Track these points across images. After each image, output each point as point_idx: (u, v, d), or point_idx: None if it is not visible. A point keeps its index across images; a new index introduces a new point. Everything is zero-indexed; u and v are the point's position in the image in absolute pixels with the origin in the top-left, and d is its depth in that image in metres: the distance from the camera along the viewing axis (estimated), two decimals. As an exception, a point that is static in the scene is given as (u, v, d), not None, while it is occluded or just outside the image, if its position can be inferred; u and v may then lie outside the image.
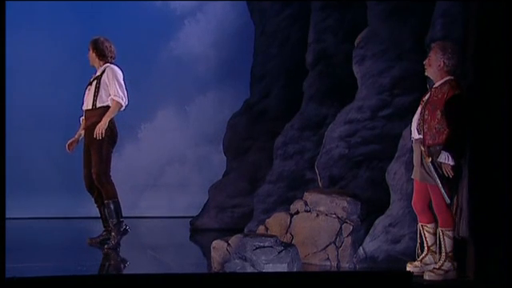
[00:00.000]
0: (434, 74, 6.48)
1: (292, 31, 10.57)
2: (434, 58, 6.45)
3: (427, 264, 6.67)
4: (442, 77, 6.44)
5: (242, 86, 11.32)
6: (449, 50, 6.43)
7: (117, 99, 7.98)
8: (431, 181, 6.44)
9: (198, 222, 10.53)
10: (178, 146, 11.85)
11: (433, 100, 6.45)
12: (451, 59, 6.41)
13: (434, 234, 6.61)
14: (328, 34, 9.40)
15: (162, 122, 11.85)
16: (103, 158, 7.98)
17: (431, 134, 6.41)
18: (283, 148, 9.66)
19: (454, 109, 6.30)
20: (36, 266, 7.28)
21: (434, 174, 6.39)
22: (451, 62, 6.41)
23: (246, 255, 6.69)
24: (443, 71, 6.43)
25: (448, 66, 6.41)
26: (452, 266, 6.50)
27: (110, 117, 7.93)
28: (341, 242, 7.29)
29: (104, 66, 8.14)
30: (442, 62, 6.41)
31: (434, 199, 6.51)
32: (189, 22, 11.98)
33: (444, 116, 6.33)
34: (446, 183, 6.39)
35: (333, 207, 7.38)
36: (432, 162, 6.40)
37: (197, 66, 11.89)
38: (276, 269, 6.64)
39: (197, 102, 11.96)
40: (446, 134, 6.32)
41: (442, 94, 6.39)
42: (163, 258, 8.34)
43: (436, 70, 6.44)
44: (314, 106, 9.53)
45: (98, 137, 7.89)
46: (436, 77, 6.49)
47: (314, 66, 9.55)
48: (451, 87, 6.39)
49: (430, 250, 6.67)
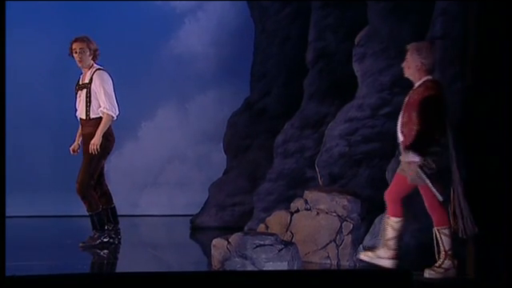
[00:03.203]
0: (413, 75, 6.55)
1: (292, 29, 10.57)
2: (411, 60, 6.51)
3: (380, 257, 6.65)
4: (421, 77, 6.51)
5: (242, 85, 11.32)
6: (424, 49, 6.50)
7: (107, 112, 7.93)
8: (421, 181, 6.46)
9: (198, 221, 10.53)
10: (178, 145, 11.85)
11: (410, 102, 6.53)
12: (427, 58, 6.47)
13: (396, 230, 6.63)
14: (328, 32, 9.40)
15: (162, 121, 11.86)
16: (90, 170, 7.97)
17: (410, 135, 6.47)
18: (283, 146, 9.66)
19: (425, 109, 6.37)
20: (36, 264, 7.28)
21: (422, 174, 6.42)
22: (428, 61, 6.47)
23: (247, 253, 6.68)
24: (421, 71, 6.49)
25: (425, 66, 6.47)
26: (452, 264, 6.50)
27: (103, 131, 7.90)
28: (341, 240, 7.28)
29: (91, 70, 8.02)
30: (420, 63, 6.47)
31: (426, 199, 6.52)
32: (189, 21, 11.98)
33: (417, 116, 6.41)
34: (436, 181, 6.41)
35: (333, 205, 7.35)
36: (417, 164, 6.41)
37: (197, 64, 11.88)
38: (276, 267, 6.64)
39: (197, 100, 11.96)
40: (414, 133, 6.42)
41: (418, 95, 6.46)
42: (163, 256, 8.34)
43: (414, 70, 6.51)
44: (315, 105, 9.54)
45: (93, 152, 7.89)
46: (415, 78, 6.54)
47: (314, 65, 9.56)
48: (426, 88, 6.46)
49: (387, 243, 6.66)
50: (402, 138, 6.59)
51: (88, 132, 7.98)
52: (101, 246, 7.96)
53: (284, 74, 10.60)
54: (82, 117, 8.06)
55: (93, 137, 7.90)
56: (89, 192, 7.98)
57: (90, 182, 7.97)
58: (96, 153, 7.89)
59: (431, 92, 6.41)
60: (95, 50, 8.05)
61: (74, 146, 8.22)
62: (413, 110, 6.45)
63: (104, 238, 8.02)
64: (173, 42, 11.92)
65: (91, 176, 7.99)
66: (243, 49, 11.48)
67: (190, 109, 11.99)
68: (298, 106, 9.76)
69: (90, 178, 7.98)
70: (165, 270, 7.10)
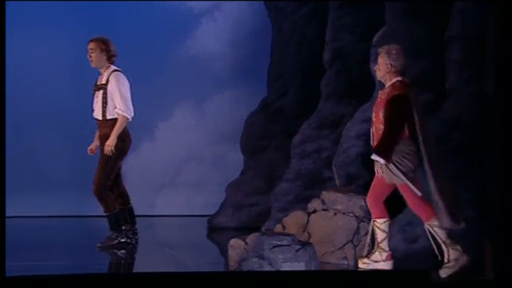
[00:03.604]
0: (384, 77, 6.71)
1: (309, 30, 10.57)
2: (381, 62, 6.69)
3: (376, 261, 6.69)
4: (391, 79, 6.66)
5: (259, 85, 11.33)
6: (393, 51, 6.67)
7: (122, 113, 7.96)
8: (398, 180, 6.55)
9: (216, 221, 10.55)
10: (194, 145, 11.87)
11: (377, 102, 6.71)
12: (396, 60, 6.64)
13: (384, 231, 6.70)
14: (345, 32, 9.39)
15: (179, 121, 11.88)
16: (107, 171, 8.01)
17: (378, 135, 6.62)
18: (300, 147, 9.66)
19: (390, 109, 6.51)
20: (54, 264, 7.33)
21: (398, 172, 6.51)
22: (397, 63, 6.64)
23: (264, 254, 6.67)
24: (391, 73, 6.65)
25: (395, 67, 6.63)
26: (458, 253, 6.49)
27: (117, 133, 7.93)
28: (358, 240, 7.26)
29: (108, 71, 8.05)
30: (389, 64, 6.64)
31: (407, 198, 6.60)
32: (206, 21, 12.00)
33: (383, 116, 6.56)
34: (412, 179, 6.50)
35: (350, 206, 7.36)
36: (394, 162, 6.51)
37: (214, 64, 11.91)
38: (293, 267, 6.63)
39: (214, 100, 11.98)
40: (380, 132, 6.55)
41: (385, 95, 6.63)
42: (180, 256, 8.35)
43: (384, 73, 6.68)
44: (332, 105, 9.53)
45: (108, 154, 7.93)
46: (386, 79, 6.70)
47: (331, 65, 9.55)
48: (393, 88, 6.60)
49: (379, 246, 6.70)
50: (371, 138, 6.77)
51: (104, 133, 8.02)
52: (118, 246, 7.99)
53: (301, 74, 10.60)
54: (99, 118, 8.10)
55: (109, 138, 7.95)
56: (105, 193, 8.03)
57: (106, 182, 8.02)
58: (111, 154, 7.93)
59: (396, 92, 6.54)
60: (109, 51, 8.05)
61: (91, 147, 8.28)
62: (379, 110, 6.62)
63: (121, 239, 8.06)
64: (190, 42, 11.95)
65: (107, 177, 8.03)
66: (260, 49, 11.49)
67: (206, 109, 12.00)
68: (315, 107, 9.75)
69: (106, 179, 8.02)
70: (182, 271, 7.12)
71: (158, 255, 8.33)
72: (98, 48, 8.04)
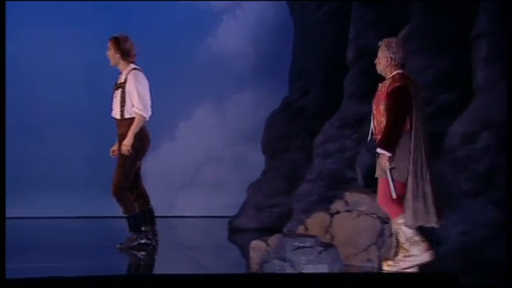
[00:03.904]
0: (384, 71, 6.80)
1: (331, 27, 10.55)
2: (382, 56, 6.79)
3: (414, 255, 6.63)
4: (391, 72, 6.75)
5: (280, 84, 11.31)
6: (393, 45, 6.75)
7: (139, 112, 7.96)
8: (383, 174, 6.63)
9: (237, 222, 10.54)
10: (215, 145, 11.88)
11: (378, 95, 6.78)
12: (397, 53, 6.72)
13: None
14: (369, 30, 9.36)
15: (199, 120, 11.90)
16: (125, 172, 7.99)
17: (379, 128, 6.68)
18: (323, 146, 9.63)
19: (391, 101, 6.59)
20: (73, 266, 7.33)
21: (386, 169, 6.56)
22: (397, 56, 6.71)
23: (286, 255, 6.66)
24: (391, 66, 6.73)
25: (395, 60, 6.71)
26: (421, 250, 6.53)
27: (134, 132, 7.93)
28: (383, 242, 7.22)
29: (127, 69, 8.06)
30: (389, 58, 6.72)
31: (382, 191, 6.68)
32: (227, 18, 12.01)
33: (385, 109, 6.62)
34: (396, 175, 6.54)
35: (374, 207, 7.24)
36: None
37: (234, 62, 11.91)
38: (316, 270, 6.61)
39: (234, 99, 11.98)
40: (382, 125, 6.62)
41: (385, 87, 6.70)
42: (201, 258, 8.35)
43: (384, 66, 6.77)
44: (355, 104, 9.50)
45: (125, 153, 7.92)
46: (386, 73, 6.79)
47: (354, 63, 9.52)
48: (393, 80, 6.67)
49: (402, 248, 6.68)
50: (373, 132, 6.81)
51: (122, 132, 8.02)
52: (138, 247, 7.99)
53: (323, 72, 10.57)
54: (117, 117, 8.10)
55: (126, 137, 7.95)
56: (124, 194, 8.02)
57: (124, 183, 8.01)
58: (128, 154, 7.92)
59: (397, 83, 6.61)
60: (123, 50, 8.05)
61: (114, 148, 8.26)
62: (380, 103, 6.68)
63: (141, 240, 8.05)
64: (210, 40, 11.96)
65: (126, 178, 8.02)
66: (281, 47, 11.48)
67: (227, 108, 12.01)
68: (338, 106, 9.73)
69: (124, 180, 8.01)
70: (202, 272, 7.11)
71: (177, 257, 8.33)
72: (112, 46, 8.07)
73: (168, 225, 9.20)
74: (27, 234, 10.14)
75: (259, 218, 10.50)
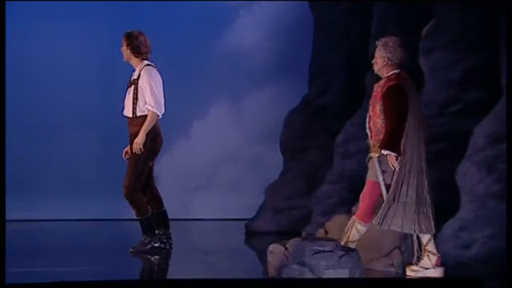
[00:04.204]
0: (381, 71, 6.84)
1: (353, 22, 10.52)
2: (379, 55, 6.83)
3: (426, 268, 6.68)
4: (388, 72, 6.79)
5: (299, 81, 11.28)
6: (390, 44, 6.79)
7: (151, 109, 7.95)
8: (374, 177, 6.70)
9: (254, 225, 10.53)
10: (231, 145, 11.88)
11: (374, 95, 6.83)
12: (394, 53, 6.76)
13: None
14: (392, 24, 9.32)
15: (214, 119, 11.90)
16: (137, 173, 7.99)
17: (376, 129, 6.73)
18: (344, 146, 9.60)
19: (388, 100, 6.64)
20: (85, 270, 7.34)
21: (378, 169, 6.66)
22: (394, 56, 6.75)
23: (305, 260, 6.64)
24: (388, 66, 6.77)
25: (392, 60, 6.75)
26: None
27: (146, 130, 7.93)
28: (406, 246, 7.16)
29: (140, 65, 8.08)
30: (387, 57, 6.76)
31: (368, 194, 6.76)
32: (243, 13, 12.01)
33: (382, 110, 6.67)
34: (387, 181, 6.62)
35: (398, 209, 7.27)
36: (378, 158, 6.66)
37: (252, 59, 11.90)
38: (337, 275, 6.58)
39: (251, 97, 11.98)
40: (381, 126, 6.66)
41: (381, 87, 6.76)
42: (216, 262, 8.35)
43: (381, 66, 6.81)
44: (377, 102, 9.44)
45: (137, 152, 7.90)
46: (382, 73, 6.84)
47: (377, 59, 9.48)
48: (388, 80, 6.73)
49: (426, 250, 6.72)
50: (369, 134, 6.86)
51: (134, 131, 8.01)
52: (151, 251, 7.98)
53: (344, 69, 10.54)
54: (129, 115, 8.10)
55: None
56: (137, 196, 8.01)
57: (137, 185, 8.00)
58: (140, 152, 7.91)
59: (391, 82, 6.66)
60: (133, 46, 8.06)
61: (127, 149, 8.24)
62: (376, 104, 6.73)
63: (155, 243, 8.05)
64: (226, 35, 11.95)
65: (138, 179, 8.01)
66: (301, 43, 11.46)
67: (244, 107, 12.01)
68: (360, 104, 9.67)
69: (136, 181, 8.00)
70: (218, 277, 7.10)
71: (192, 261, 8.32)
72: (125, 42, 8.13)
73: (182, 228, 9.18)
74: (37, 236, 10.17)
75: (277, 221, 10.48)
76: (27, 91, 11.42)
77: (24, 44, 11.39)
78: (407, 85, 6.70)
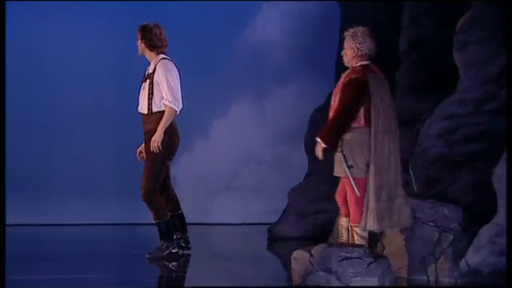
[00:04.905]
0: (351, 62, 7.01)
1: (382, 15, 10.49)
2: (348, 47, 7.01)
3: None
4: (357, 63, 6.99)
5: (325, 78, 11.25)
6: (358, 34, 7.00)
7: (168, 105, 7.95)
8: (342, 173, 6.93)
9: (277, 230, 10.52)
10: (253, 145, 11.89)
11: (337, 86, 7.05)
12: (363, 43, 6.96)
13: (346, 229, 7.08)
14: (425, 17, 9.33)
15: (236, 118, 11.90)
16: (155, 173, 8.00)
17: None
18: (373, 147, 9.56)
19: (343, 93, 6.85)
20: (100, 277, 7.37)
21: (344, 164, 6.90)
22: (364, 46, 6.96)
23: (331, 267, 6.68)
24: (357, 57, 6.97)
25: (361, 51, 6.96)
26: None
27: (164, 127, 7.94)
28: (440, 253, 7.20)
29: (156, 59, 8.09)
30: (356, 48, 6.95)
31: (349, 193, 6.96)
32: (267, 6, 12.01)
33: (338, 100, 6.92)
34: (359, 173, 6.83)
35: (430, 214, 7.29)
36: (341, 152, 6.90)
37: (275, 55, 11.90)
38: (365, 283, 6.62)
39: (275, 95, 11.98)
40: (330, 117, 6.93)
41: (344, 78, 6.98)
42: (238, 269, 8.36)
43: (351, 57, 6.99)
44: (408, 100, 9.45)
45: (155, 150, 7.90)
46: (352, 64, 7.02)
47: (408, 54, 9.51)
48: (352, 72, 6.93)
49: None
50: None
51: (150, 129, 8.02)
52: (169, 257, 7.99)
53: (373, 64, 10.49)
54: (144, 112, 8.11)
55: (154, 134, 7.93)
56: (155, 198, 8.02)
57: (155, 186, 8.00)
58: (158, 151, 7.91)
59: (354, 75, 6.85)
60: (147, 39, 8.09)
61: (141, 148, 8.25)
62: (337, 95, 6.97)
63: (173, 249, 8.05)
64: (248, 30, 11.96)
65: (156, 180, 8.02)
66: (326, 37, 11.44)
67: (267, 105, 12.01)
68: (390, 102, 9.65)
69: (155, 182, 8.01)
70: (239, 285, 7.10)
71: (212, 268, 8.34)
72: (139, 35, 8.18)
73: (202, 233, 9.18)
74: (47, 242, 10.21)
75: (302, 226, 10.47)
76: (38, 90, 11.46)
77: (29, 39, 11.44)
78: (373, 78, 6.85)
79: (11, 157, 10.16)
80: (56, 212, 11.32)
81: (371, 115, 6.80)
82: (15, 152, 10.84)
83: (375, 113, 6.80)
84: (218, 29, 11.68)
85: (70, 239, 10.45)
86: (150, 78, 8.08)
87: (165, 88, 7.98)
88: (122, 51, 11.09)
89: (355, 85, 6.83)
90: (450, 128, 8.15)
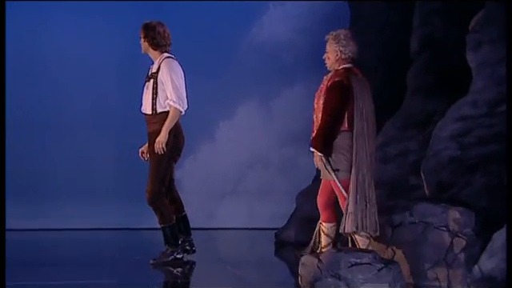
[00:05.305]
0: (333, 65, 7.15)
1: (393, 15, 10.50)
2: (330, 50, 7.14)
3: None
4: (340, 66, 7.13)
5: (334, 78, 11.24)
6: (342, 37, 7.13)
7: (173, 105, 7.96)
8: (329, 176, 7.08)
9: (284, 235, 10.52)
10: (260, 147, 11.88)
11: (320, 89, 7.19)
12: (346, 46, 7.10)
13: (329, 236, 7.29)
14: (436, 16, 9.32)
15: (242, 120, 11.90)
16: (160, 175, 8.00)
17: (317, 124, 7.15)
18: (383, 149, 9.56)
19: (328, 96, 7.00)
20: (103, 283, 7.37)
21: (329, 167, 7.05)
22: (347, 49, 7.10)
23: (340, 273, 6.69)
24: (340, 60, 7.11)
25: (345, 54, 7.10)
26: None
27: (169, 128, 7.95)
28: (452, 259, 7.20)
29: (160, 58, 8.10)
30: (339, 51, 7.10)
31: (339, 197, 7.13)
32: (274, 6, 12.00)
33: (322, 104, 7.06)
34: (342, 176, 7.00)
35: (442, 218, 7.30)
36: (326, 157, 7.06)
37: (282, 55, 11.90)
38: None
39: (282, 96, 11.97)
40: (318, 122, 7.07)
41: (327, 81, 7.11)
42: (244, 275, 8.35)
43: (334, 60, 7.12)
44: (420, 101, 9.45)
45: (159, 152, 7.90)
46: (335, 67, 7.15)
47: (419, 54, 9.50)
48: (335, 74, 7.07)
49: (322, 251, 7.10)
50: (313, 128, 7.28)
51: (154, 130, 8.03)
52: (174, 263, 7.99)
53: (383, 65, 10.52)
54: (147, 112, 8.12)
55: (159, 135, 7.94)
56: (161, 201, 8.02)
57: (161, 189, 8.01)
58: (162, 153, 7.91)
59: (337, 78, 6.99)
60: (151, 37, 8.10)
61: (143, 149, 8.26)
62: (320, 98, 7.11)
63: (178, 254, 8.05)
64: (255, 29, 11.95)
65: (162, 182, 8.02)
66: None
67: (274, 106, 12.00)
68: (400, 103, 9.67)
69: (161, 185, 8.01)
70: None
71: (218, 273, 8.34)
72: (142, 34, 8.21)
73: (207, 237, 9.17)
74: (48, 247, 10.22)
75: (310, 231, 10.44)
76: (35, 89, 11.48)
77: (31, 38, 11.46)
78: (356, 81, 6.97)
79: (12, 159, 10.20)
80: (57, 216, 11.33)
81: (355, 119, 6.97)
82: (16, 154, 10.86)
83: (358, 116, 6.97)
84: (224, 28, 11.68)
85: (71, 244, 10.47)
86: (153, 77, 8.09)
87: (169, 88, 7.99)
88: (125, 50, 11.10)
89: (339, 87, 6.97)
90: (462, 130, 8.15)
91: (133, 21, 9.58)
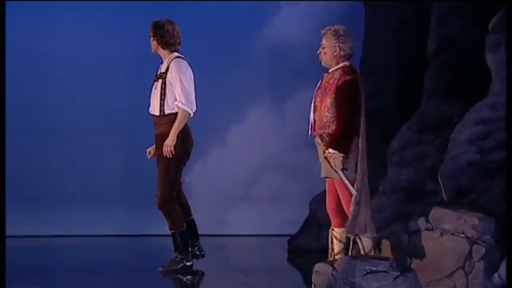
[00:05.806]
0: (330, 62, 7.17)
1: (409, 14, 10.51)
2: (328, 45, 7.14)
3: None
4: (338, 63, 7.13)
5: (348, 80, 11.25)
6: (341, 33, 7.15)
7: (182, 107, 7.98)
8: (335, 174, 7.05)
9: (297, 241, 10.53)
10: (272, 151, 11.89)
11: (324, 86, 7.16)
12: (345, 43, 7.12)
13: (341, 241, 7.30)
14: (455, 16, 9.31)
15: (254, 123, 11.91)
16: (170, 179, 8.02)
17: (322, 123, 7.11)
18: (399, 153, 9.57)
19: (344, 95, 6.96)
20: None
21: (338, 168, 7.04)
22: (347, 46, 7.12)
23: (355, 281, 6.70)
24: (339, 57, 7.12)
25: (344, 51, 7.11)
26: None
27: (177, 130, 7.96)
28: (471, 266, 7.19)
29: (169, 58, 8.12)
30: (338, 48, 7.11)
31: (342, 196, 7.13)
32: (286, 5, 12.02)
33: (334, 103, 6.99)
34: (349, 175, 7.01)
35: (461, 225, 7.29)
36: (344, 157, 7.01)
37: (295, 55, 11.89)
38: (391, 298, 6.60)
39: (295, 99, 11.96)
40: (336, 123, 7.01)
41: (334, 79, 7.07)
42: (255, 282, 8.36)
43: (331, 56, 7.14)
44: (437, 103, 9.45)
45: (168, 155, 7.93)
46: (331, 64, 7.17)
47: (436, 56, 9.48)
48: (344, 72, 7.04)
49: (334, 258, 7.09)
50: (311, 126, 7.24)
51: (161, 131, 8.05)
52: (184, 270, 8.00)
53: (400, 66, 10.53)
54: (155, 113, 8.14)
55: (167, 137, 7.96)
56: (172, 206, 8.05)
57: (171, 193, 8.03)
58: (171, 156, 7.93)
59: (348, 76, 7.00)
60: (161, 35, 8.12)
61: (150, 149, 8.29)
62: (326, 96, 7.05)
63: (187, 262, 8.07)
64: (267, 29, 11.97)
65: (172, 186, 8.05)
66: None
67: (286, 109, 12.01)
68: (417, 106, 9.68)
69: (171, 189, 8.04)
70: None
71: (229, 281, 8.35)
72: (151, 32, 8.25)
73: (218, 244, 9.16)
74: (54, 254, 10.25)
75: (324, 237, 10.43)
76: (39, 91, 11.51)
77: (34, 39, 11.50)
78: (359, 79, 7.03)
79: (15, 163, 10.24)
80: (63, 222, 11.36)
81: (361, 118, 7.02)
82: (19, 158, 10.90)
83: (362, 116, 7.03)
84: (235, 28, 11.70)
85: (77, 251, 10.49)
86: (162, 77, 8.11)
87: (178, 89, 8.01)
88: (133, 49, 11.13)
89: (353, 85, 7.00)
90: (482, 133, 8.15)
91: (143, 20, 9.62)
